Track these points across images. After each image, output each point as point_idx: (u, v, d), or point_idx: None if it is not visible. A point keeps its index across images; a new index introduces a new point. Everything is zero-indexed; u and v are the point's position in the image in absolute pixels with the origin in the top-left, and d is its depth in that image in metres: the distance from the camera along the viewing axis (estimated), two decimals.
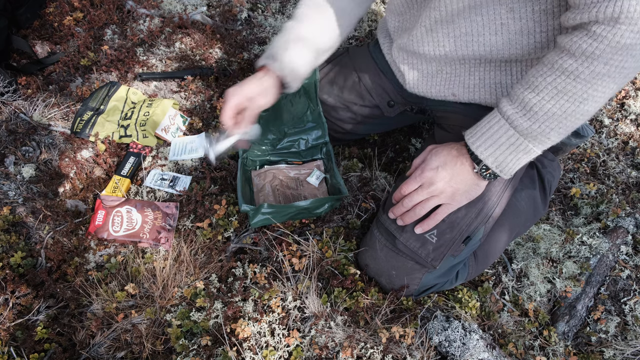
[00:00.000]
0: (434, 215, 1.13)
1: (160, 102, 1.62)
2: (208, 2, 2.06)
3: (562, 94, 0.92)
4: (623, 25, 0.81)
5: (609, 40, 0.83)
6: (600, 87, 0.90)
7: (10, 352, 1.13)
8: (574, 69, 0.89)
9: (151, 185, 1.46)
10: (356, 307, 1.20)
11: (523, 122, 0.96)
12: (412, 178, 1.13)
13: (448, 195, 1.10)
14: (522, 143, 0.99)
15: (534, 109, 0.95)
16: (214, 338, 1.15)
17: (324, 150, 1.53)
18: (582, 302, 1.35)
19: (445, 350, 1.16)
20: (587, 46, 0.86)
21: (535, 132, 0.97)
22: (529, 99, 0.95)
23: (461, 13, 1.05)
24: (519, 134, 0.98)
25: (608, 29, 0.83)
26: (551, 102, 0.93)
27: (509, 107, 0.98)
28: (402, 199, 1.15)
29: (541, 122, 0.95)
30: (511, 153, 1.01)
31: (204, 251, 1.32)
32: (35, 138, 1.57)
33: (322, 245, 1.31)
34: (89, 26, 1.87)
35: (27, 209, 1.40)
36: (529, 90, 0.95)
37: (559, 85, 0.92)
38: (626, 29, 0.82)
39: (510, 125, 0.98)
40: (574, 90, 0.91)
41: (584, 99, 0.92)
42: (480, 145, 1.02)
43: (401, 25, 1.26)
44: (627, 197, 1.58)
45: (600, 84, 0.90)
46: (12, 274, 1.24)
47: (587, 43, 0.86)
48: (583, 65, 0.88)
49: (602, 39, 0.84)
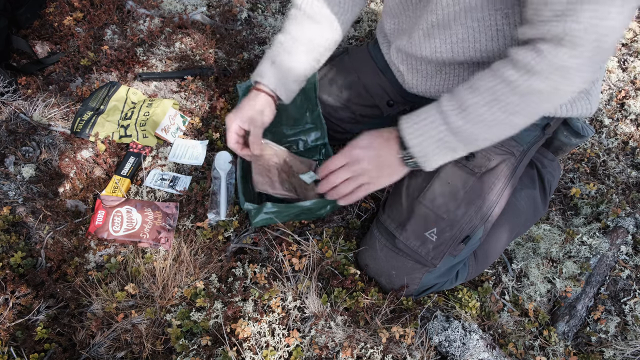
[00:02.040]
0: (356, 191, 1.12)
1: (160, 102, 1.62)
2: (208, 2, 2.06)
3: (497, 102, 0.94)
4: (565, 48, 0.84)
5: (549, 59, 0.86)
6: (533, 103, 0.93)
7: (10, 352, 1.13)
8: (514, 79, 0.91)
9: (151, 185, 1.46)
10: (356, 307, 1.20)
11: (456, 120, 0.98)
12: (340, 154, 1.12)
13: (371, 176, 1.10)
14: (450, 141, 1.00)
15: (468, 110, 0.96)
16: (214, 338, 1.15)
17: (323, 152, 1.53)
18: (582, 302, 1.35)
19: (445, 350, 1.16)
20: (530, 60, 0.88)
21: (465, 132, 0.98)
22: (467, 99, 0.96)
23: (457, 18, 1.05)
24: (449, 131, 0.99)
25: (551, 48, 0.86)
26: (485, 107, 0.95)
27: (447, 103, 0.99)
28: (328, 175, 1.14)
29: (472, 124, 0.97)
30: (437, 147, 1.02)
31: (204, 251, 1.32)
32: (35, 138, 1.57)
33: (322, 245, 1.31)
34: (89, 26, 1.87)
35: (27, 209, 1.40)
36: (469, 90, 0.97)
37: (496, 92, 0.93)
38: (567, 51, 0.84)
39: (444, 121, 0.99)
40: (508, 100, 0.93)
41: (515, 111, 0.94)
42: (411, 132, 1.03)
43: (397, 27, 1.26)
44: (627, 197, 1.58)
45: (533, 100, 0.92)
46: (12, 274, 1.24)
47: (531, 57, 0.88)
48: (522, 78, 0.90)
49: (544, 56, 0.87)
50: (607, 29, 0.82)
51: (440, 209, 1.17)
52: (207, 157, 1.55)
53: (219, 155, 1.52)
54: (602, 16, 0.81)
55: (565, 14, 0.82)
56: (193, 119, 1.64)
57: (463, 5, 1.01)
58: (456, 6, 1.02)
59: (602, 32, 0.82)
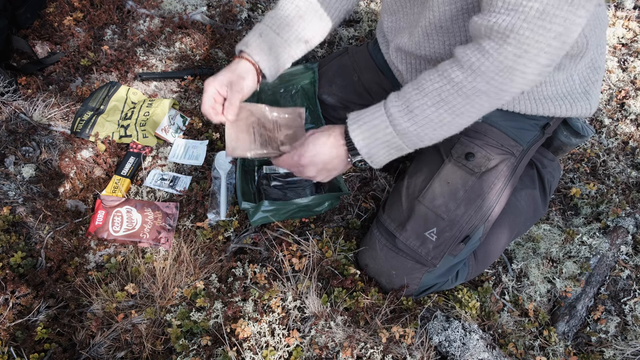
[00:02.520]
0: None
1: (160, 102, 1.62)
2: (208, 2, 2.06)
3: (443, 103, 0.94)
4: (509, 47, 0.84)
5: (494, 58, 0.86)
6: (477, 104, 0.93)
7: (10, 352, 1.13)
8: (460, 80, 0.91)
9: (151, 185, 1.46)
10: (356, 307, 1.20)
11: (402, 122, 0.98)
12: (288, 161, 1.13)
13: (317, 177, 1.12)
14: (397, 142, 1.01)
15: (415, 112, 0.97)
16: (214, 338, 1.15)
17: None
18: (582, 302, 1.35)
19: (445, 350, 1.16)
20: (475, 60, 0.88)
21: (411, 134, 0.99)
22: (414, 100, 0.97)
23: (455, 19, 1.04)
24: (396, 133, 1.00)
25: (496, 47, 0.86)
26: (432, 109, 0.95)
27: (394, 104, 0.99)
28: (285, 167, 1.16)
29: (418, 126, 0.97)
30: (384, 148, 1.03)
31: (204, 251, 1.32)
32: (35, 138, 1.57)
33: (322, 245, 1.31)
34: (89, 26, 1.87)
35: (27, 209, 1.40)
36: (416, 91, 0.97)
37: (442, 94, 0.94)
38: (511, 50, 0.85)
39: (390, 123, 0.99)
40: (454, 102, 0.93)
41: (461, 112, 0.95)
42: (358, 134, 1.03)
43: (394, 25, 1.25)
44: (627, 197, 1.58)
45: (478, 101, 0.93)
46: (12, 274, 1.24)
47: (476, 57, 0.88)
48: (467, 80, 0.90)
49: (489, 56, 0.87)
50: (554, 32, 0.82)
51: (440, 209, 1.17)
52: (207, 157, 1.55)
53: (219, 155, 1.52)
54: (550, 19, 0.81)
55: (515, 9, 0.82)
56: (193, 119, 1.64)
57: (461, 4, 1.01)
58: (452, 5, 1.02)
59: (550, 36, 0.83)
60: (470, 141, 1.19)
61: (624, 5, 2.20)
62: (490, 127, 1.19)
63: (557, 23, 0.82)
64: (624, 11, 2.19)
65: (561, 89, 1.12)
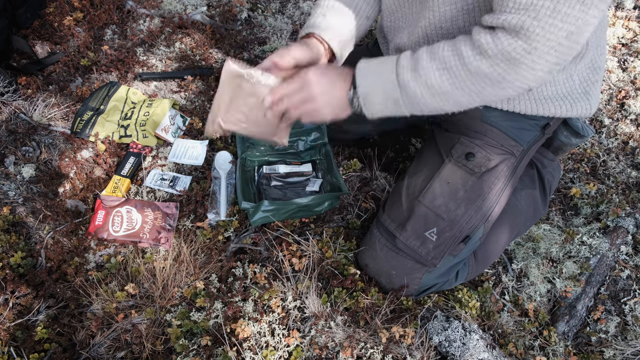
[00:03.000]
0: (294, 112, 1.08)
1: (160, 102, 1.62)
2: (208, 2, 2.06)
3: (447, 72, 0.95)
4: (520, 41, 0.86)
5: (503, 47, 0.88)
6: (478, 84, 0.94)
7: (10, 352, 1.13)
8: (467, 56, 0.92)
9: (151, 185, 1.46)
10: (356, 307, 1.20)
11: (406, 75, 0.98)
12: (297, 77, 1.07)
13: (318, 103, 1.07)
14: (395, 94, 1.00)
15: (420, 72, 0.97)
16: (214, 338, 1.15)
17: (323, 151, 1.53)
18: (582, 302, 1.35)
19: (445, 350, 1.16)
20: (485, 42, 0.90)
21: (411, 90, 0.98)
22: (422, 60, 0.97)
23: (454, 20, 1.04)
24: (397, 82, 0.99)
25: (508, 38, 0.87)
26: (435, 73, 0.96)
27: (406, 57, 1.00)
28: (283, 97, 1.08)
29: (418, 84, 0.97)
30: (382, 93, 1.02)
31: (204, 251, 1.32)
32: (35, 138, 1.57)
33: (322, 245, 1.31)
34: (89, 26, 1.87)
35: (27, 209, 1.40)
36: (427, 54, 0.98)
37: (449, 63, 0.95)
38: (521, 45, 0.86)
39: (395, 72, 1.00)
40: (457, 73, 0.94)
41: (460, 87, 0.95)
42: (363, 70, 1.03)
43: (393, 24, 1.25)
44: (627, 197, 1.58)
45: (479, 82, 0.93)
46: (12, 274, 1.24)
47: (486, 40, 0.89)
48: (475, 58, 0.92)
49: (499, 43, 0.88)
50: (565, 31, 0.83)
51: (440, 209, 1.17)
52: (207, 157, 1.55)
53: (219, 155, 1.52)
54: (562, 18, 0.82)
55: (526, 7, 0.83)
56: (193, 119, 1.63)
57: (461, 5, 1.01)
58: (452, 5, 1.02)
59: (561, 34, 0.83)
60: (471, 141, 1.20)
61: (624, 5, 2.20)
62: (491, 127, 1.19)
63: (568, 22, 0.82)
64: (624, 11, 2.19)
65: (561, 89, 1.12)
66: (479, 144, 1.19)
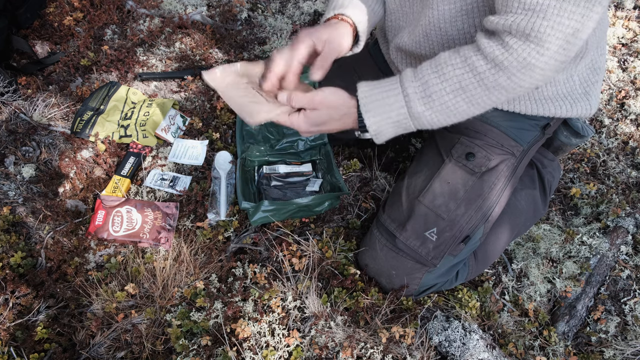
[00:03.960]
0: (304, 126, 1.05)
1: (160, 102, 1.62)
2: (208, 2, 2.06)
3: (463, 92, 0.92)
4: (532, 44, 0.84)
5: (518, 54, 0.86)
6: (494, 96, 0.92)
7: (10, 352, 1.13)
8: (483, 71, 0.90)
9: (151, 185, 1.46)
10: (356, 307, 1.20)
11: (418, 106, 0.95)
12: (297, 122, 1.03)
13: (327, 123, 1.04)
14: (408, 124, 0.98)
15: (433, 96, 0.94)
16: (214, 338, 1.15)
17: (323, 151, 1.53)
18: (582, 302, 1.35)
19: (445, 350, 1.16)
20: (499, 54, 0.88)
21: (425, 118, 0.96)
22: (433, 84, 0.93)
23: (453, 20, 1.04)
24: (409, 115, 0.96)
25: (519, 42, 0.85)
26: (450, 96, 0.93)
27: (411, 84, 0.95)
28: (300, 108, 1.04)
29: (433, 111, 0.95)
30: (393, 127, 0.99)
31: (204, 251, 1.32)
32: (35, 138, 1.57)
33: (322, 245, 1.31)
34: (89, 26, 1.87)
35: (27, 209, 1.40)
36: (436, 74, 0.94)
37: (463, 82, 0.92)
38: (534, 48, 0.85)
39: (406, 105, 0.96)
40: (474, 92, 0.92)
41: (477, 103, 0.94)
42: (370, 110, 0.98)
43: (394, 24, 1.25)
44: (627, 197, 1.58)
45: (496, 94, 0.92)
46: (12, 274, 1.24)
47: (500, 51, 0.88)
48: (490, 72, 0.89)
49: (513, 51, 0.86)
50: (571, 28, 0.83)
51: (440, 209, 1.17)
52: (207, 157, 1.55)
53: (219, 155, 1.52)
54: (568, 15, 0.81)
55: (532, 8, 0.82)
56: (193, 119, 1.63)
57: (460, 5, 1.01)
58: (452, 4, 1.02)
59: (568, 32, 0.83)
60: (471, 141, 1.20)
61: (624, 5, 2.20)
62: (491, 127, 1.19)
63: (574, 19, 0.82)
64: (624, 11, 2.19)
65: (561, 89, 1.12)
66: (479, 144, 1.19)
